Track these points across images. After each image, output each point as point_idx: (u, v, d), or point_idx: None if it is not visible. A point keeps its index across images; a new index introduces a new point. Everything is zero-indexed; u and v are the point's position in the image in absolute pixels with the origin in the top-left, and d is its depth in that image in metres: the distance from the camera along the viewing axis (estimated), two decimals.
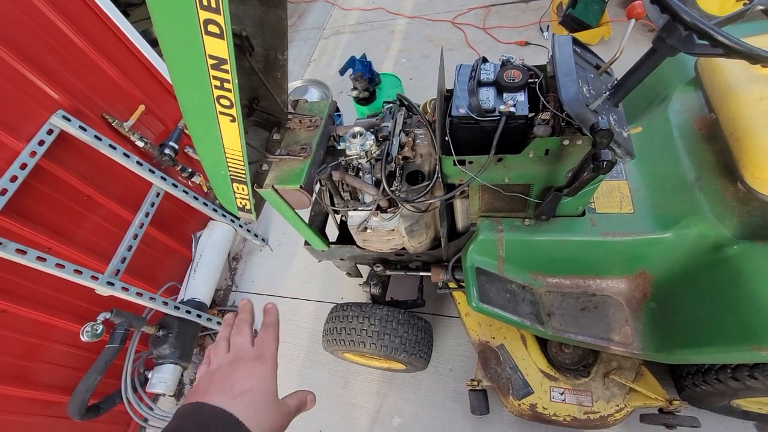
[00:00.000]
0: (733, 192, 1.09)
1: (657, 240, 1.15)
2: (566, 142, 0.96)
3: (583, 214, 1.21)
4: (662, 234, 1.14)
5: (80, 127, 1.54)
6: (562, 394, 1.40)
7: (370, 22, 3.85)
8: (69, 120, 1.51)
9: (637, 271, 1.24)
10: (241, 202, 1.26)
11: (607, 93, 0.95)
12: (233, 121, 0.97)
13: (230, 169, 1.12)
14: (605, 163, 0.81)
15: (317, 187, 1.32)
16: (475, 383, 1.48)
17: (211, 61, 0.82)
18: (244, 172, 1.12)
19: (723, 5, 2.34)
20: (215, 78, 0.86)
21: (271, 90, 1.24)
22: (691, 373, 1.30)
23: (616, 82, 0.97)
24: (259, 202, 1.30)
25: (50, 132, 1.49)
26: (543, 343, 1.51)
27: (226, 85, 0.88)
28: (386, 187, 1.14)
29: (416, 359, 1.53)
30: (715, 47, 0.73)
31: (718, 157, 1.15)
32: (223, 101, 0.92)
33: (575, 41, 1.06)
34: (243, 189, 1.20)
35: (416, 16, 3.66)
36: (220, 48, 0.80)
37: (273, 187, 1.21)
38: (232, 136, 1.01)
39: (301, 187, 1.17)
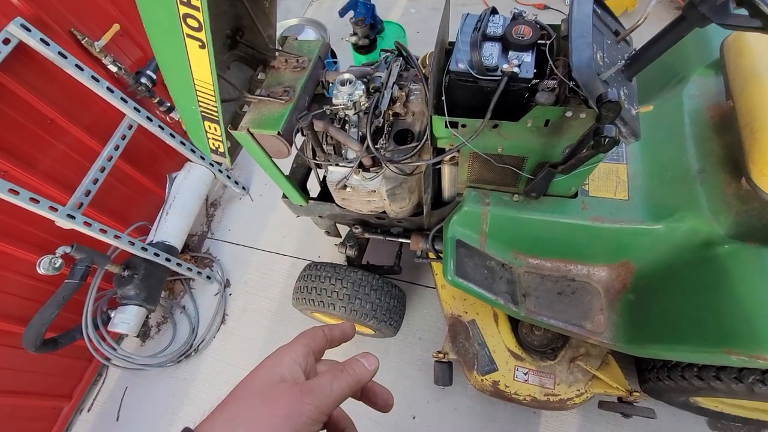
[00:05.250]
0: (734, 189, 1.02)
1: (647, 231, 1.10)
2: (569, 114, 0.88)
3: (576, 195, 1.15)
4: (653, 225, 1.09)
5: (42, 40, 1.38)
6: (525, 374, 1.39)
7: None
8: (29, 30, 1.35)
9: (620, 261, 1.20)
10: (213, 144, 1.16)
11: (622, 63, 0.86)
12: (203, 47, 0.85)
13: (201, 104, 1.01)
14: (607, 139, 0.73)
15: (300, 136, 1.22)
16: (442, 355, 1.47)
17: None
18: (215, 108, 1.00)
19: None
20: None
21: (256, 21, 1.10)
22: (656, 367, 1.30)
23: (634, 52, 0.87)
24: (234, 146, 1.20)
25: (6, 42, 1.33)
26: (514, 323, 1.49)
27: (193, 1, 0.76)
28: (370, 144, 1.04)
29: (385, 326, 1.50)
30: (753, 17, 0.64)
31: (725, 150, 1.08)
32: (191, 21, 0.80)
33: (597, 1, 0.94)
34: (215, 129, 1.09)
35: None
36: None
37: (248, 130, 1.10)
38: (201, 65, 0.89)
39: (279, 133, 1.07)
